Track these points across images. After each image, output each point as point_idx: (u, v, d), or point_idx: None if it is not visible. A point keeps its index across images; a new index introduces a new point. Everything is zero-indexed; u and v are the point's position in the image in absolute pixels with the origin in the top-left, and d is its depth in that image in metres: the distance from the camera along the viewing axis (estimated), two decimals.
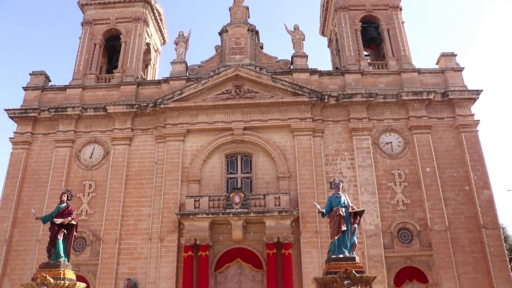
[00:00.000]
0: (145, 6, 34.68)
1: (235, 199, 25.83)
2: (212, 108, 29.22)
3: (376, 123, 28.83)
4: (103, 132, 29.80)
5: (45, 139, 29.86)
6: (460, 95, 28.84)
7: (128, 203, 27.65)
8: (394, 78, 30.40)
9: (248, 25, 32.59)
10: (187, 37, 32.95)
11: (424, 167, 27.35)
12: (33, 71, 32.27)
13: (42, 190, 28.10)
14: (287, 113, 28.84)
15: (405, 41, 31.99)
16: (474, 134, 28.21)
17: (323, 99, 28.95)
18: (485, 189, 26.72)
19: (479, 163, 27.37)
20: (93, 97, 31.15)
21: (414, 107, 28.80)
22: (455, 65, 30.47)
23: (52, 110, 29.84)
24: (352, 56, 31.45)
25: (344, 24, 32.65)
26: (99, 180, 28.48)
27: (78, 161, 29.12)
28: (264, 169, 28.11)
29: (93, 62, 32.91)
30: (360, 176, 27.25)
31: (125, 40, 33.33)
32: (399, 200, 26.82)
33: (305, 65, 30.99)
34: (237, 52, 31.59)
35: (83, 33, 33.84)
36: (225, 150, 28.81)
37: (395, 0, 33.47)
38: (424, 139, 28.14)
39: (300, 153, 27.81)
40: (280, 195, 26.23)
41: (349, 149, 28.17)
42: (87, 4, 34.54)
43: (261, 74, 29.74)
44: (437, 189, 26.71)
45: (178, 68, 31.59)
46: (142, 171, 28.48)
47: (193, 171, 28.01)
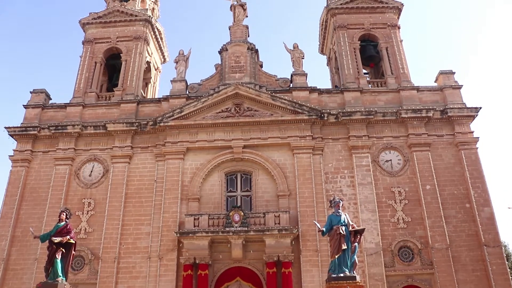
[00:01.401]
0: (146, 25, 35.01)
1: (234, 218, 25.72)
2: (212, 126, 29.28)
3: (375, 141, 28.86)
4: (103, 150, 29.79)
5: (45, 157, 29.84)
6: (459, 113, 28.92)
7: (127, 221, 27.51)
8: (393, 96, 30.53)
9: (248, 44, 32.86)
10: (187, 55, 33.18)
11: (424, 185, 27.28)
12: (34, 89, 32.41)
13: (41, 208, 27.97)
14: (286, 131, 28.90)
15: (403, 59, 32.22)
16: (474, 151, 28.21)
17: (323, 117, 29.04)
18: (485, 207, 26.61)
19: (479, 181, 27.32)
20: (93, 115, 31.24)
21: (413, 124, 28.86)
22: (454, 82, 30.63)
23: (52, 128, 29.89)
24: (351, 74, 31.63)
25: (343, 43, 32.93)
26: (99, 198, 28.38)
27: (77, 179, 29.06)
28: (264, 187, 28.04)
29: (93, 80, 33.09)
30: (360, 194, 27.17)
31: (126, 59, 33.56)
32: (400, 218, 26.70)
33: (305, 83, 31.16)
34: (237, 70, 31.78)
35: (84, 52, 34.10)
36: (224, 168, 28.78)
37: (393, 19, 33.84)
38: (424, 157, 28.12)
39: (300, 171, 27.78)
40: (280, 213, 26.11)
41: (349, 167, 28.14)
42: (89, 23, 34.88)
43: (260, 92, 29.89)
44: (437, 206, 26.60)
45: (178, 86, 31.74)
46: (142, 189, 28.40)
47: (193, 189, 27.94)
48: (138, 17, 34.80)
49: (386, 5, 33.97)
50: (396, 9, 34.07)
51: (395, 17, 34.03)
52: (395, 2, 34.08)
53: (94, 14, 35.04)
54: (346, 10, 34.00)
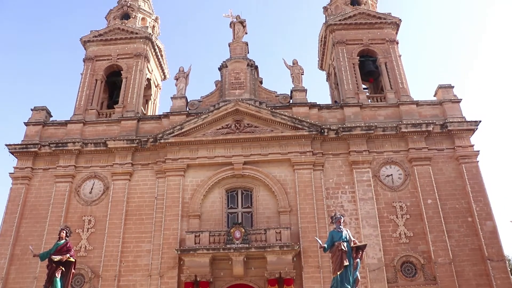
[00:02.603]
0: (146, 43, 35.28)
1: (235, 234, 25.56)
2: (212, 143, 29.29)
3: (376, 156, 28.83)
4: (103, 167, 29.76)
5: (45, 174, 29.79)
6: (459, 126, 28.95)
7: (128, 239, 27.35)
8: (393, 111, 30.61)
9: (248, 60, 33.05)
10: (187, 72, 33.36)
11: (426, 199, 27.18)
12: (35, 107, 32.52)
13: (41, 226, 27.82)
14: (287, 147, 28.90)
15: (402, 74, 32.40)
16: (475, 165, 28.15)
17: (323, 133, 29.07)
18: (488, 220, 26.45)
19: (480, 194, 27.21)
20: (93, 132, 31.28)
21: (413, 139, 28.87)
22: (453, 96, 30.73)
23: (53, 145, 29.91)
24: (350, 90, 31.76)
25: (342, 58, 33.14)
26: (99, 215, 28.25)
27: (77, 196, 28.97)
28: (264, 204, 27.94)
29: (94, 98, 33.22)
30: (362, 209, 27.05)
31: (126, 76, 33.74)
32: (402, 233, 26.53)
33: (304, 99, 31.27)
34: (237, 87, 31.92)
35: (84, 69, 34.32)
36: (225, 185, 28.71)
37: (391, 35, 34.13)
38: (425, 171, 28.07)
39: (301, 187, 27.71)
40: (281, 229, 25.94)
41: (350, 182, 28.07)
42: (90, 41, 35.16)
43: (260, 108, 29.97)
44: (439, 221, 26.45)
45: (178, 103, 31.85)
46: (142, 207, 28.30)
47: (194, 206, 27.84)
48: (139, 35, 35.10)
49: (384, 20, 34.29)
50: (394, 25, 34.39)
51: (393, 33, 34.33)
52: (393, 17, 34.42)
53: (95, 31, 35.36)
54: (345, 26, 34.30)
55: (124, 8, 37.51)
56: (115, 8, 37.97)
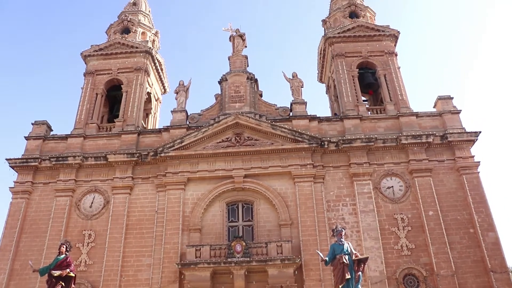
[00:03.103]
0: (146, 57, 35.47)
1: (236, 248, 25.43)
2: (212, 156, 29.28)
3: (376, 168, 28.80)
4: (104, 181, 29.70)
5: (45, 189, 29.71)
6: (459, 137, 28.94)
7: (128, 253, 27.20)
8: (393, 122, 30.65)
9: (247, 74, 33.19)
10: (187, 86, 33.48)
11: (427, 211, 27.07)
12: (35, 121, 32.57)
13: (41, 241, 27.66)
14: (287, 160, 28.87)
15: (401, 85, 32.49)
16: (475, 176, 28.08)
17: (323, 145, 29.07)
18: (490, 232, 26.29)
19: (482, 205, 27.08)
20: (94, 146, 31.29)
21: (414, 150, 28.85)
22: (452, 107, 30.79)
23: (53, 159, 29.90)
24: (350, 102, 31.84)
25: (341, 71, 33.28)
26: (99, 229, 28.13)
27: (78, 211, 28.87)
28: (265, 217, 27.84)
29: (94, 112, 33.29)
30: (363, 221, 26.94)
31: (126, 90, 33.85)
32: (403, 245, 26.38)
33: (304, 111, 31.32)
34: (237, 100, 32.00)
35: (85, 83, 34.45)
36: (226, 198, 28.64)
37: (390, 47, 34.31)
38: (426, 182, 28.01)
39: (302, 200, 27.63)
40: (282, 243, 25.80)
41: (351, 195, 28.00)
42: (90, 55, 35.35)
43: (260, 121, 30.02)
44: (441, 232, 26.32)
45: (178, 117, 31.91)
46: (143, 220, 28.19)
47: (194, 220, 27.74)
48: (139, 49, 35.31)
49: (382, 33, 34.51)
50: (393, 37, 34.60)
51: (392, 45, 34.52)
52: (391, 30, 34.64)
53: (95, 46, 35.57)
54: (344, 39, 34.50)
55: (124, 23, 37.78)
56: (116, 22, 38.25)
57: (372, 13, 37.96)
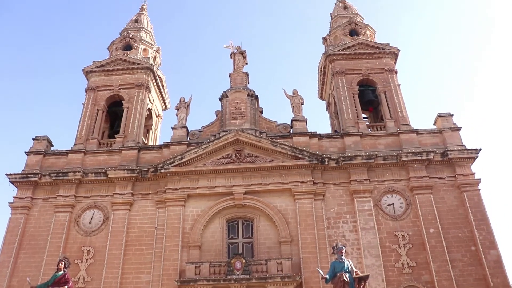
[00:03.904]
0: (148, 73, 35.71)
1: (236, 265, 25.25)
2: (212, 173, 29.25)
3: (377, 185, 28.74)
4: (104, 197, 29.64)
5: (45, 204, 29.61)
6: (459, 155, 28.96)
7: (127, 269, 26.98)
8: (393, 140, 30.69)
9: (248, 91, 33.36)
10: (188, 102, 33.62)
11: (428, 228, 26.93)
12: (36, 136, 32.61)
13: (39, 257, 27.46)
14: (287, 177, 28.84)
15: (402, 102, 32.61)
16: (476, 193, 28.01)
17: (324, 162, 29.06)
18: (492, 249, 26.12)
19: (483, 223, 26.95)
20: (94, 162, 31.30)
21: (414, 167, 28.83)
22: (452, 125, 30.87)
23: (53, 175, 29.86)
24: (350, 119, 31.94)
25: (341, 88, 33.45)
26: (98, 246, 27.96)
27: (77, 226, 28.73)
28: (265, 234, 27.69)
29: (95, 127, 33.38)
30: (363, 239, 26.78)
31: (127, 106, 34.00)
32: (404, 263, 26.18)
33: (305, 128, 31.39)
34: (237, 116, 32.10)
35: (86, 99, 34.61)
36: (226, 215, 28.53)
37: (390, 64, 34.54)
38: (426, 200, 27.92)
39: (302, 217, 27.51)
40: (282, 260, 25.64)
41: (351, 212, 27.90)
42: (92, 71, 35.60)
43: (261, 138, 30.05)
44: (442, 250, 26.16)
45: (179, 133, 31.96)
46: (142, 237, 28.04)
47: (194, 237, 27.58)
48: (140, 65, 35.57)
49: (382, 50, 34.79)
50: (393, 54, 34.87)
51: (392, 62, 34.76)
52: (391, 47, 34.93)
53: (97, 62, 35.87)
54: (344, 56, 34.78)
55: (126, 39, 38.16)
56: (118, 39, 38.60)
57: (372, 31, 38.32)
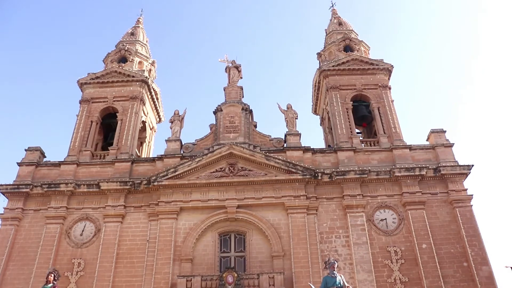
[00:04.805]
0: (142, 86, 35.78)
1: (228, 279, 25.04)
2: (205, 186, 29.17)
3: (370, 200, 28.78)
4: (96, 209, 29.40)
5: (36, 215, 29.29)
6: (452, 170, 29.08)
7: (118, 282, 26.66)
8: (386, 155, 30.82)
9: (242, 105, 33.46)
10: (182, 115, 33.64)
11: (420, 244, 26.93)
12: (29, 147, 32.37)
13: (29, 269, 27.06)
14: (281, 191, 28.81)
15: (395, 118, 32.84)
16: (469, 209, 28.08)
17: (317, 177, 29.09)
18: (484, 265, 26.10)
19: (475, 239, 26.99)
20: (87, 174, 31.13)
21: (407, 183, 28.92)
22: (445, 141, 31.06)
23: (45, 186, 29.66)
24: (344, 134, 32.08)
25: (335, 103, 33.65)
26: (89, 258, 27.66)
27: (68, 238, 28.44)
28: (258, 248, 27.54)
29: (89, 139, 33.27)
30: (356, 254, 26.72)
31: (122, 118, 33.97)
32: (397, 278, 26.08)
33: (298, 143, 31.46)
34: (231, 130, 32.15)
35: (80, 111, 34.53)
36: (218, 229, 28.39)
37: (384, 80, 34.85)
38: (419, 215, 27.96)
39: (294, 231, 27.43)
40: (275, 274, 25.43)
41: (344, 227, 27.86)
42: (86, 83, 35.61)
43: (254, 152, 30.07)
44: (434, 266, 26.11)
45: (172, 146, 31.93)
46: (134, 250, 27.79)
47: (186, 250, 27.40)
48: (135, 78, 35.64)
49: (376, 66, 35.12)
50: (387, 71, 35.19)
51: (385, 78, 35.07)
52: (385, 64, 35.27)
53: (92, 74, 35.89)
54: (338, 72, 35.05)
55: (121, 52, 38.27)
56: (113, 51, 38.71)
57: (367, 47, 38.71)
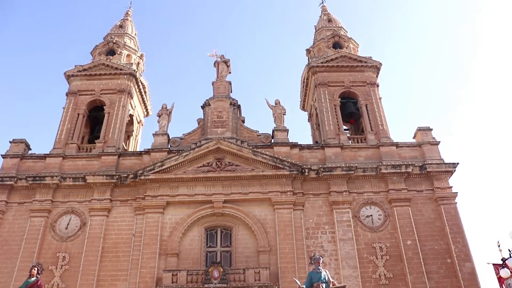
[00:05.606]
0: (130, 79, 35.50)
1: (214, 274, 25.06)
2: (192, 181, 29.10)
3: (356, 196, 28.95)
4: (81, 202, 29.15)
5: (20, 208, 28.95)
6: (437, 168, 29.38)
7: (103, 276, 26.50)
8: (373, 152, 31.00)
9: (230, 99, 33.39)
10: (170, 109, 33.46)
11: (405, 240, 27.19)
12: (14, 139, 31.95)
13: (12, 263, 26.74)
14: (267, 186, 28.84)
15: (382, 116, 33.03)
16: (453, 206, 28.42)
17: (304, 173, 29.17)
18: (467, 262, 26.47)
19: (459, 235, 27.33)
20: (73, 167, 30.84)
21: (393, 180, 29.14)
22: (432, 139, 31.33)
23: (30, 179, 29.32)
24: (332, 131, 32.19)
25: (323, 100, 33.74)
26: (74, 252, 27.43)
27: (53, 232, 28.17)
28: (244, 243, 27.57)
29: (75, 132, 32.95)
30: (341, 249, 26.90)
31: (109, 111, 33.69)
32: (381, 274, 26.32)
33: (286, 139, 31.50)
34: (219, 125, 32.07)
35: (67, 103, 34.17)
36: (205, 223, 28.35)
37: (372, 78, 35.01)
38: (404, 212, 28.21)
39: (281, 227, 27.51)
40: (260, 269, 25.53)
41: (330, 223, 28.00)
42: (74, 75, 35.22)
43: (242, 147, 30.05)
44: (419, 262, 26.39)
45: (160, 140, 31.76)
46: (119, 244, 27.63)
47: (172, 244, 27.33)
48: (123, 71, 35.35)
49: (365, 64, 35.25)
50: (375, 68, 35.36)
51: (374, 76, 35.24)
52: (373, 61, 35.42)
53: (79, 66, 35.50)
54: (327, 68, 35.13)
55: (110, 44, 37.91)
56: (101, 44, 38.33)
57: (355, 44, 38.82)
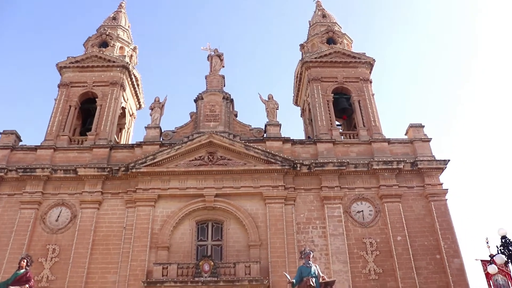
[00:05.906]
0: (123, 71, 35.30)
1: (204, 267, 25.11)
2: (184, 174, 29.06)
3: (347, 192, 29.06)
4: (72, 194, 29.02)
5: (10, 200, 28.75)
6: (428, 165, 29.53)
7: (93, 269, 26.46)
8: (365, 148, 31.11)
9: (223, 93, 33.32)
10: (162, 102, 33.34)
11: (395, 236, 27.36)
12: (4, 130, 31.77)
13: (1, 254, 26.51)
14: (259, 181, 28.86)
15: (375, 112, 33.13)
16: (443, 203, 28.60)
17: (296, 168, 29.22)
18: (455, 258, 26.68)
19: (449, 232, 27.54)
20: (64, 159, 30.68)
21: (384, 176, 29.27)
22: (423, 136, 31.48)
23: (20, 171, 29.13)
24: (324, 126, 32.25)
25: (316, 95, 33.77)
26: (64, 244, 27.33)
27: (43, 224, 28.04)
28: (235, 237, 27.61)
29: (67, 124, 32.75)
30: (332, 245, 27.02)
31: (101, 104, 33.50)
32: (371, 269, 26.49)
33: (278, 133, 31.52)
34: (212, 119, 32.02)
35: (59, 95, 33.95)
36: (196, 217, 28.35)
37: (365, 74, 35.07)
38: (395, 208, 28.37)
39: (272, 221, 27.57)
40: (251, 263, 25.59)
41: (321, 218, 28.11)
42: (66, 67, 34.97)
43: (234, 141, 30.03)
44: (408, 258, 26.58)
45: (152, 133, 31.67)
46: (110, 236, 27.58)
47: (163, 238, 27.31)
48: (116, 63, 35.14)
49: (358, 60, 35.30)
50: (368, 64, 35.41)
51: (367, 72, 35.30)
52: (367, 57, 35.47)
53: (72, 58, 35.25)
54: (320, 64, 35.13)
55: (102, 36, 37.65)
56: (94, 36, 38.06)
57: (349, 40, 38.84)
